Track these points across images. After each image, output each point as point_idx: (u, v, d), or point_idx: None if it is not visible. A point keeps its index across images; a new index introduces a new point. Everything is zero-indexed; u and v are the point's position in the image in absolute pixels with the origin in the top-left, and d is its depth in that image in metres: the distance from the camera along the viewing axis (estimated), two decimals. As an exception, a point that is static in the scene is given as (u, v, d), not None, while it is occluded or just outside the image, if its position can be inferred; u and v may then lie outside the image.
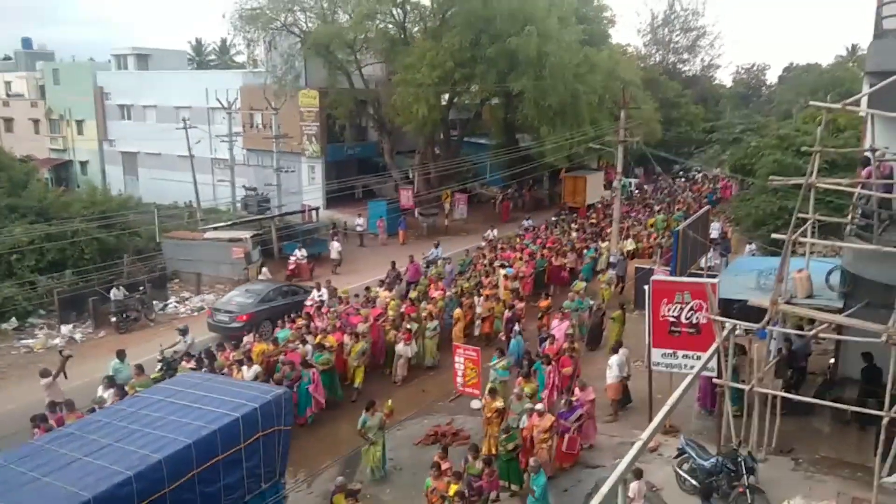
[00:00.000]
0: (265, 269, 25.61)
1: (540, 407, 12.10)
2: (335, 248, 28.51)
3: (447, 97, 35.71)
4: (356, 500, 10.39)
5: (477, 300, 19.72)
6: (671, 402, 8.79)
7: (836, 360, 14.93)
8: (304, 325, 17.61)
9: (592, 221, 33.41)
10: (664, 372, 13.39)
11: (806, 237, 10.95)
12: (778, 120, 40.87)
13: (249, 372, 14.74)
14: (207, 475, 8.87)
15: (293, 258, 26.86)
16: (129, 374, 14.90)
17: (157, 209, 30.67)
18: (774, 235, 12.97)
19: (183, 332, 17.18)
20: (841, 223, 11.77)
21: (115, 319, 21.55)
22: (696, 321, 12.57)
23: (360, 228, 32.85)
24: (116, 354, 15.46)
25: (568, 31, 34.30)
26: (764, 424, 11.63)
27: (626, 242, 27.42)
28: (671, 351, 12.95)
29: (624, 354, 14.76)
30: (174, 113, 41.60)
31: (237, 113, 37.71)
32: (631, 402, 14.95)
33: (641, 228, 31.09)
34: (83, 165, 49.68)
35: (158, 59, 48.02)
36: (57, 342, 20.60)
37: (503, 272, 21.80)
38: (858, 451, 12.22)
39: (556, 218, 35.05)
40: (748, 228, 24.89)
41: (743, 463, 10.28)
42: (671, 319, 12.80)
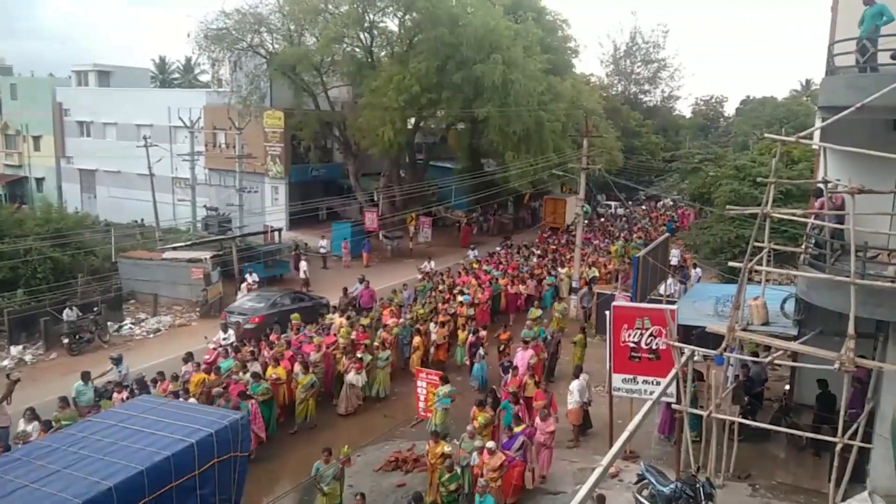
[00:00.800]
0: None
1: (491, 445, 11.59)
2: (303, 267, 28.24)
3: (413, 121, 35.88)
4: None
5: (432, 327, 19.46)
6: (631, 427, 8.85)
7: (791, 386, 15.26)
8: (249, 352, 16.77)
9: (552, 248, 33.64)
10: (625, 397, 13.48)
11: (762, 265, 11.15)
12: (735, 151, 42.05)
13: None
14: (160, 503, 8.59)
15: (244, 283, 25.70)
16: (91, 396, 14.37)
17: (112, 228, 29.94)
18: (731, 263, 13.27)
19: (116, 360, 16.28)
20: (795, 252, 12.07)
21: (67, 341, 20.84)
22: (655, 347, 12.66)
23: (323, 250, 32.59)
24: (81, 376, 14.80)
25: (533, 59, 35.08)
26: (722, 450, 11.76)
27: (590, 270, 27.23)
28: (632, 376, 13.03)
29: (584, 379, 14.74)
30: (135, 131, 41.04)
31: (200, 132, 37.30)
32: (592, 427, 14.96)
33: (601, 255, 31.40)
34: (39, 182, 48.58)
35: (120, 76, 47.33)
36: (6, 364, 19.87)
37: (460, 299, 21.65)
38: (814, 476, 12.46)
39: (508, 242, 35.37)
40: (706, 256, 25.41)
41: (701, 489, 10.33)
42: (632, 345, 12.88)
